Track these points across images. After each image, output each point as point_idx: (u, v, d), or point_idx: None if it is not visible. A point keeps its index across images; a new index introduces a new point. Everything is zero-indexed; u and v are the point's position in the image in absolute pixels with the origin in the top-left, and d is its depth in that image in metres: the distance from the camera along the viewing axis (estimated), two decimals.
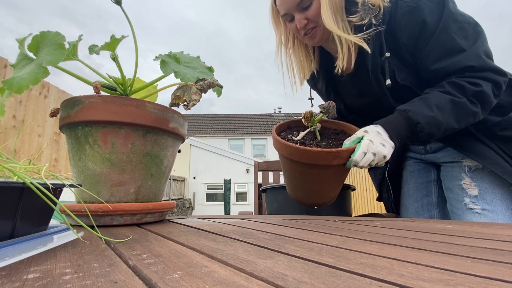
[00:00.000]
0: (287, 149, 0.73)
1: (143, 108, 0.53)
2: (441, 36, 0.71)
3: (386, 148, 0.67)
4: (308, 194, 0.82)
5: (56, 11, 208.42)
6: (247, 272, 0.22)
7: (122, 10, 0.56)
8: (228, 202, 8.40)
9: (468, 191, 0.82)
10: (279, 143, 0.76)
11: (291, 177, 0.83)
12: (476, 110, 0.70)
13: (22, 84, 0.43)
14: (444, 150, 0.90)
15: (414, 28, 0.73)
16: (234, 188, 12.65)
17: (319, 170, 0.72)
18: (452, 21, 0.70)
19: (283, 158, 0.79)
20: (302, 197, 0.84)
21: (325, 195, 0.81)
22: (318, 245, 0.33)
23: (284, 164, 0.81)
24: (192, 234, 0.41)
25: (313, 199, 0.83)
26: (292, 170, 0.79)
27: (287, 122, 0.93)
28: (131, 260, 0.25)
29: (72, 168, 0.54)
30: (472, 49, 0.70)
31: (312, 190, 0.80)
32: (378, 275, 0.21)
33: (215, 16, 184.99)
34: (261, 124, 18.21)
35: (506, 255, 0.29)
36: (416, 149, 0.98)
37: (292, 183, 0.84)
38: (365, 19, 0.76)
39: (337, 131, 0.89)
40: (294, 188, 0.84)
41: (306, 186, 0.80)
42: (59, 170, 3.81)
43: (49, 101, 3.64)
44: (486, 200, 0.78)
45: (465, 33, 0.71)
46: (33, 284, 0.19)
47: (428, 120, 0.69)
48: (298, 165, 0.74)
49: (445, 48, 0.71)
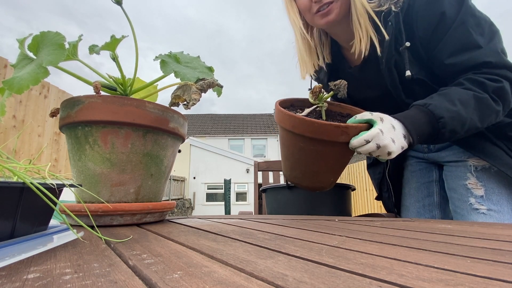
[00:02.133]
0: (290, 121, 0.67)
1: (143, 108, 0.53)
2: (458, 30, 0.68)
3: (395, 145, 0.61)
4: (306, 175, 0.75)
5: (56, 9, 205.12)
6: (247, 272, 0.22)
7: (123, 10, 0.56)
8: (228, 202, 8.40)
9: (474, 191, 0.79)
10: (282, 113, 0.70)
11: (289, 154, 0.75)
12: (498, 108, 0.67)
13: (23, 84, 0.43)
14: (448, 149, 0.87)
15: (431, 19, 0.70)
16: (234, 188, 12.65)
17: (322, 147, 0.66)
18: (470, 15, 0.68)
19: (284, 131, 0.73)
20: (298, 178, 0.77)
21: (324, 178, 0.75)
22: (318, 245, 0.33)
23: (284, 139, 0.75)
24: (192, 234, 0.41)
25: (310, 181, 0.76)
26: (292, 146, 0.73)
27: (291, 100, 0.84)
28: (131, 260, 0.25)
29: (72, 168, 0.54)
30: (489, 45, 0.67)
31: (311, 170, 0.73)
32: (378, 275, 0.21)
33: (216, 15, 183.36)
34: (261, 124, 18.21)
35: (506, 255, 0.29)
36: (419, 147, 0.96)
37: (289, 161, 0.76)
38: (384, 5, 0.72)
39: (343, 114, 0.82)
40: (291, 167, 0.77)
41: (305, 165, 0.73)
42: (59, 170, 3.81)
43: (49, 101, 3.64)
44: (492, 200, 0.77)
45: (482, 30, 0.68)
46: (33, 284, 0.19)
47: (452, 114, 0.63)
48: (300, 140, 0.68)
49: (462, 42, 0.68)
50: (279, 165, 1.65)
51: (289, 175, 0.79)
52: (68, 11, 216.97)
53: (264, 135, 16.69)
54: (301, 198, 1.03)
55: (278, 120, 0.73)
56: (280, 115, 0.72)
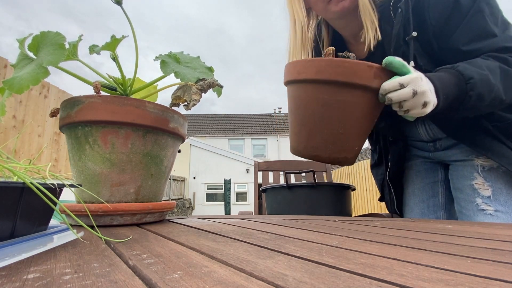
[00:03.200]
0: (314, 65, 0.59)
1: (143, 108, 0.53)
2: (474, 18, 0.66)
3: (431, 97, 0.55)
4: (329, 141, 0.63)
5: (55, 8, 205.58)
6: (247, 272, 0.22)
7: (123, 10, 0.56)
8: (228, 202, 8.41)
9: (481, 191, 0.77)
10: (301, 61, 0.63)
11: (307, 116, 0.64)
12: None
13: (23, 84, 0.43)
14: (456, 148, 0.85)
15: (445, 8, 0.67)
16: (234, 188, 12.65)
17: (352, 96, 0.59)
18: (485, 3, 0.66)
19: (301, 88, 0.64)
20: (317, 148, 0.64)
21: (349, 143, 0.64)
22: (318, 245, 0.33)
23: (300, 99, 0.65)
24: (192, 234, 0.41)
25: (333, 149, 0.64)
26: (312, 104, 0.62)
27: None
28: (131, 260, 0.25)
29: (72, 168, 0.54)
30: (504, 34, 0.66)
31: (336, 133, 0.62)
32: (378, 275, 0.21)
33: (216, 14, 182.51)
34: (261, 124, 18.22)
35: (506, 255, 0.29)
36: (425, 146, 0.94)
37: (307, 127, 0.65)
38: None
39: None
40: (308, 134, 0.65)
41: (329, 126, 0.62)
42: (59, 170, 3.81)
43: (49, 101, 3.65)
44: (499, 201, 0.74)
45: (496, 20, 0.67)
46: (33, 284, 0.19)
47: (481, 77, 0.59)
48: (324, 90, 0.59)
49: (479, 31, 0.66)
50: (279, 165, 1.65)
51: (305, 147, 0.66)
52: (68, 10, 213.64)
53: (264, 135, 16.70)
54: (301, 198, 1.04)
55: (294, 72, 0.64)
56: (299, 64, 0.63)
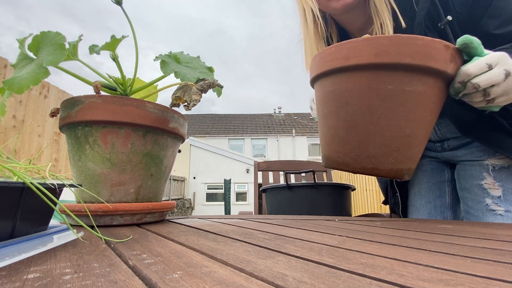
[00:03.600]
0: (372, 45, 0.47)
1: (143, 108, 0.53)
2: (500, 2, 0.62)
3: None
4: (392, 147, 0.49)
5: (55, 8, 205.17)
6: (247, 272, 0.22)
7: (123, 10, 0.56)
8: (228, 202, 8.41)
9: (490, 191, 0.75)
10: (350, 43, 0.49)
11: (360, 114, 0.50)
12: None
13: (23, 84, 0.43)
14: (464, 148, 0.82)
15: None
16: (234, 188, 12.65)
17: (422, 85, 0.47)
18: None
19: (350, 76, 0.50)
20: (374, 157, 0.50)
21: (416, 148, 0.51)
22: (318, 245, 0.33)
23: (347, 91, 0.51)
24: (192, 234, 0.41)
25: (397, 157, 0.50)
26: (367, 98, 0.49)
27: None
28: (131, 260, 0.25)
29: (72, 168, 0.54)
30: None
31: (402, 135, 0.48)
32: (378, 275, 0.21)
33: (216, 13, 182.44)
34: (261, 124, 18.22)
35: (506, 255, 0.29)
36: (432, 146, 0.91)
37: (360, 129, 0.50)
38: None
39: None
40: (362, 139, 0.50)
41: (391, 126, 0.48)
42: (59, 170, 3.81)
43: (49, 101, 3.65)
44: (510, 201, 0.72)
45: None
46: (33, 284, 0.19)
47: None
48: (386, 78, 0.47)
49: (507, 15, 0.62)
50: (279, 165, 1.65)
51: (356, 157, 0.51)
52: (68, 9, 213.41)
53: (264, 135, 16.70)
54: (301, 198, 1.04)
55: (339, 58, 0.51)
56: (347, 47, 0.50)
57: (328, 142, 0.57)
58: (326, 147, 0.58)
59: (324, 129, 0.58)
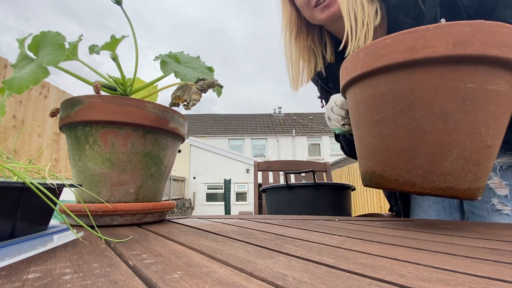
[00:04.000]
0: (448, 34, 0.39)
1: (143, 108, 0.53)
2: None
3: None
4: (471, 160, 0.41)
5: (55, 7, 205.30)
6: (247, 272, 0.22)
7: (123, 10, 0.56)
8: (228, 202, 8.41)
9: (497, 190, 0.73)
10: (417, 31, 0.41)
11: (429, 121, 0.41)
12: None
13: (23, 84, 0.43)
14: None
15: None
16: (234, 188, 12.66)
17: (505, 84, 0.40)
18: None
19: (414, 73, 0.41)
20: (450, 173, 0.41)
21: (493, 161, 0.43)
22: (318, 245, 0.33)
23: (411, 92, 0.42)
24: (192, 234, 0.41)
25: (476, 172, 0.41)
26: (440, 99, 0.40)
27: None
28: (131, 260, 0.25)
29: (72, 168, 0.54)
30: None
31: (483, 145, 0.41)
32: (378, 275, 0.21)
33: (217, 13, 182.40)
34: (261, 124, 18.23)
35: (506, 255, 0.29)
36: None
37: (429, 140, 0.41)
38: None
39: None
40: (434, 152, 0.41)
41: (471, 134, 0.40)
42: (59, 170, 3.81)
43: (49, 101, 3.65)
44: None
45: None
46: (33, 284, 0.19)
47: None
48: (466, 75, 0.39)
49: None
50: (279, 165, 1.65)
51: (425, 175, 0.42)
52: (68, 9, 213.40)
53: (264, 135, 16.70)
54: (301, 198, 1.04)
55: (400, 50, 0.42)
56: (412, 36, 0.41)
57: (379, 156, 0.47)
58: (375, 162, 0.48)
59: (372, 140, 0.48)
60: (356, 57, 0.49)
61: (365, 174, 0.52)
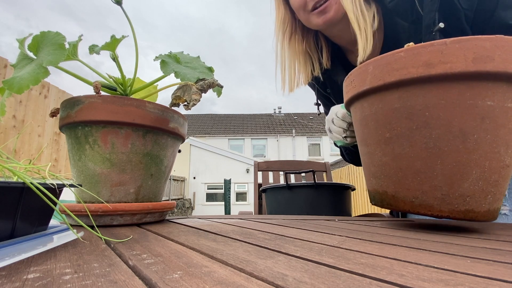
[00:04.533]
0: (469, 49, 0.37)
1: (143, 108, 0.53)
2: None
3: None
4: (490, 181, 0.39)
5: (55, 6, 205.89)
6: (247, 272, 0.22)
7: (123, 10, 0.56)
8: (228, 202, 8.41)
9: None
10: (437, 44, 0.39)
11: (447, 140, 0.39)
12: None
13: (23, 84, 0.43)
14: None
15: None
16: (234, 188, 12.66)
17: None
18: None
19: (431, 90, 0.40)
20: (469, 195, 0.40)
21: (510, 179, 0.42)
22: (318, 245, 0.33)
23: (426, 109, 0.40)
24: (192, 234, 0.41)
25: (494, 193, 0.40)
26: (460, 117, 0.39)
27: None
28: (131, 260, 0.25)
29: (72, 168, 0.54)
30: None
31: (502, 165, 0.39)
32: (378, 275, 0.21)
33: (217, 13, 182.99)
34: (261, 124, 18.23)
35: (506, 255, 0.29)
36: None
37: (450, 159, 0.39)
38: None
39: None
40: (452, 173, 0.40)
41: (491, 154, 0.39)
42: (59, 170, 3.81)
43: (49, 101, 3.65)
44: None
45: None
46: (33, 284, 0.19)
47: None
48: (485, 92, 0.38)
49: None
50: (279, 165, 1.65)
51: (446, 195, 0.40)
52: (68, 9, 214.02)
53: (264, 135, 16.70)
54: (301, 198, 1.04)
55: (416, 65, 0.40)
56: (434, 49, 0.39)
57: (392, 176, 0.44)
58: (387, 182, 0.45)
59: (383, 158, 0.45)
60: (364, 70, 0.47)
61: (375, 194, 0.50)
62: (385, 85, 0.43)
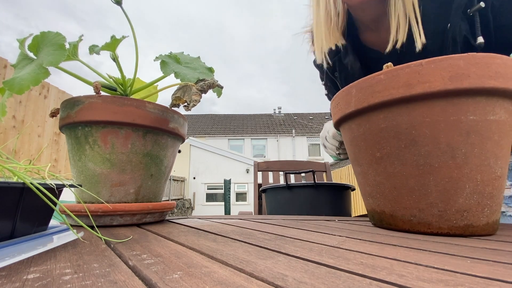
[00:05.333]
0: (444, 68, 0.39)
1: (143, 108, 0.53)
2: None
3: None
4: (485, 194, 0.40)
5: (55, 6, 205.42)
6: (247, 272, 0.22)
7: (123, 10, 0.56)
8: (228, 202, 8.41)
9: None
10: (413, 65, 0.40)
11: (437, 155, 0.40)
12: None
13: (23, 85, 0.43)
14: None
15: None
16: (234, 188, 12.65)
17: (505, 112, 0.40)
18: None
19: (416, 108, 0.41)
20: (467, 210, 0.40)
21: (504, 189, 0.43)
22: (318, 245, 0.33)
23: (412, 127, 0.41)
24: (192, 234, 0.41)
25: (491, 206, 0.41)
26: (446, 133, 0.40)
27: None
28: (131, 260, 0.25)
29: (72, 168, 0.54)
30: None
31: (494, 176, 0.40)
32: (378, 275, 0.21)
33: (217, 13, 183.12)
34: (261, 124, 18.23)
35: (506, 255, 0.29)
36: None
37: (441, 174, 0.40)
38: None
39: None
40: (446, 189, 0.40)
41: (481, 163, 0.39)
42: (59, 170, 3.81)
43: (49, 101, 3.65)
44: None
45: None
46: (33, 284, 0.19)
47: None
48: (467, 108, 0.39)
49: None
50: (279, 165, 1.65)
51: (443, 211, 0.41)
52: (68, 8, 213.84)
53: (264, 135, 16.70)
54: (301, 198, 1.04)
55: (400, 85, 0.41)
56: (411, 71, 0.40)
57: (388, 195, 0.45)
58: (383, 202, 0.46)
59: (377, 177, 0.46)
60: (348, 93, 0.48)
61: (373, 213, 0.50)
62: (369, 106, 0.45)
